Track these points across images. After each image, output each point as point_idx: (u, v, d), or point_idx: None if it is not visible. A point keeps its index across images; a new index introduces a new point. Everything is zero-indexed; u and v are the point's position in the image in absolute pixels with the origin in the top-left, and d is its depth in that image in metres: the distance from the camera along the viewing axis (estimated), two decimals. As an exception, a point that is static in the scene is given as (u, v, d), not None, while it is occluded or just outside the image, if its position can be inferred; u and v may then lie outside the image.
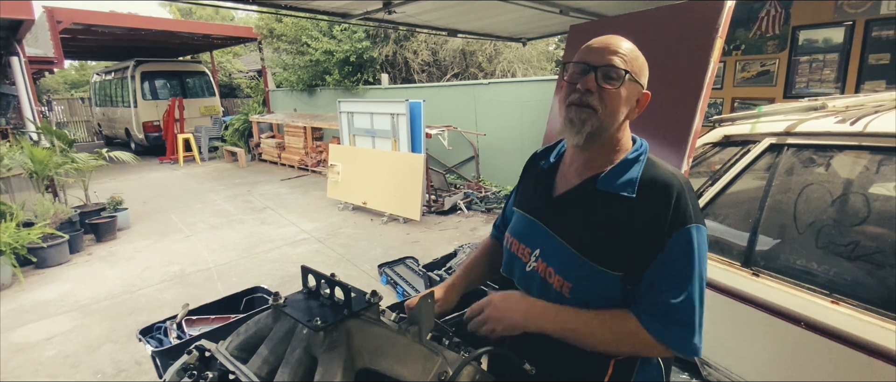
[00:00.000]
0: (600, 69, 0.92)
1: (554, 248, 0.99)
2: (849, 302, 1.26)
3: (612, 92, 0.92)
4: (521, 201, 1.15)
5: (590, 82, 0.92)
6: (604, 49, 0.93)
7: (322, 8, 3.53)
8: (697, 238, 0.90)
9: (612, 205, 0.94)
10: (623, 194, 0.93)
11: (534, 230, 1.05)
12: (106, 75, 13.41)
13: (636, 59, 0.95)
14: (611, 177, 0.95)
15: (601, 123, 0.93)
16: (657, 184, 0.92)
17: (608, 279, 0.93)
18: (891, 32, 3.70)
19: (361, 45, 9.85)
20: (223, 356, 0.96)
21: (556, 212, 1.02)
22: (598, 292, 0.95)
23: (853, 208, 1.36)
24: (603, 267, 0.93)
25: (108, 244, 5.33)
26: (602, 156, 0.98)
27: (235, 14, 20.59)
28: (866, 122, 1.33)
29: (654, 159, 0.98)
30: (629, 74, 0.92)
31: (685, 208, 0.90)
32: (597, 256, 0.93)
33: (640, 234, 0.90)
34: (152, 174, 9.63)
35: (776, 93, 4.33)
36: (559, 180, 1.05)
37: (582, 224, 0.97)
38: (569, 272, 0.96)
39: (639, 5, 3.61)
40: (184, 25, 11.14)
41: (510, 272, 1.12)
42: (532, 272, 1.03)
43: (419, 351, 0.93)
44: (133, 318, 3.57)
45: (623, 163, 0.96)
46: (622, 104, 0.93)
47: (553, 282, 0.99)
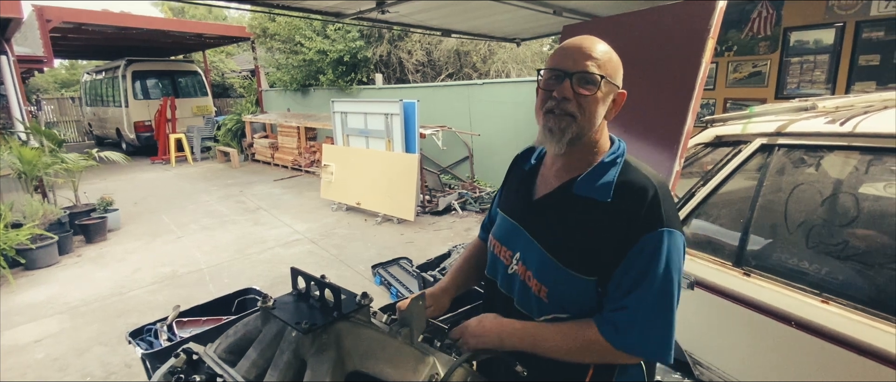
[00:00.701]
0: (576, 75, 0.91)
1: (532, 252, 1.00)
2: (839, 302, 1.27)
3: (589, 97, 0.91)
4: (505, 202, 1.16)
5: (566, 90, 0.91)
6: (578, 54, 0.92)
7: (315, 7, 3.51)
8: (668, 243, 0.88)
9: (587, 209, 0.93)
10: (598, 198, 0.92)
11: (515, 234, 1.05)
12: (96, 75, 13.28)
13: (610, 60, 0.94)
14: (587, 181, 0.95)
15: (581, 130, 0.93)
16: (631, 187, 0.91)
17: (582, 283, 0.93)
18: (881, 34, 3.74)
19: (355, 44, 9.82)
20: (211, 358, 0.95)
21: (534, 215, 1.02)
22: (573, 296, 0.95)
23: (843, 208, 1.37)
24: (576, 272, 0.93)
25: (99, 246, 5.27)
26: (580, 159, 0.97)
27: (228, 13, 20.47)
28: (856, 122, 1.34)
29: (631, 162, 0.97)
30: (605, 78, 0.92)
31: (657, 212, 0.89)
32: (570, 261, 0.93)
33: (613, 238, 0.90)
34: (144, 175, 9.55)
35: (768, 94, 4.37)
36: (539, 182, 1.05)
37: (558, 229, 0.97)
38: (545, 276, 0.97)
39: (631, 6, 3.62)
40: (176, 25, 11.05)
41: (494, 273, 1.12)
42: (513, 275, 1.04)
43: (410, 353, 0.92)
44: (123, 320, 3.53)
45: (599, 166, 0.95)
46: (600, 107, 0.93)
47: (532, 286, 0.99)
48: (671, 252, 0.89)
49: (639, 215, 0.89)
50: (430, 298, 1.16)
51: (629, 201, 0.90)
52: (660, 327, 0.90)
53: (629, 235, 0.89)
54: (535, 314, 1.00)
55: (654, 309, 0.89)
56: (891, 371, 1.13)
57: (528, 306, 1.02)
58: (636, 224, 0.88)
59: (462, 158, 7.53)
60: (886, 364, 1.15)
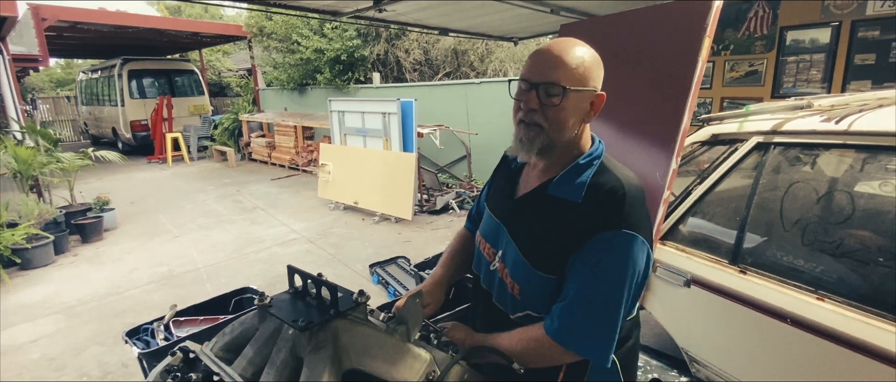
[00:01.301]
0: (541, 86, 0.90)
1: (510, 251, 1.02)
2: (834, 299, 1.27)
3: (554, 108, 0.90)
4: (491, 199, 1.17)
5: (531, 101, 0.91)
6: (544, 63, 0.91)
7: (312, 6, 3.50)
8: (624, 245, 0.87)
9: (560, 210, 0.94)
10: (571, 199, 0.93)
11: (498, 233, 1.07)
12: (92, 74, 13.22)
13: (581, 65, 0.91)
14: (561, 182, 0.96)
15: (550, 139, 0.93)
16: (602, 189, 0.92)
17: (548, 283, 0.94)
18: (876, 33, 3.75)
19: (352, 43, 9.80)
20: (208, 357, 0.95)
21: (515, 214, 1.04)
22: (541, 295, 0.96)
23: (838, 206, 1.38)
24: (541, 271, 0.94)
25: (95, 245, 5.25)
26: (559, 160, 0.98)
27: (224, 12, 20.39)
28: (851, 121, 1.34)
29: (607, 164, 0.96)
30: (568, 90, 0.89)
31: (619, 212, 0.89)
32: (538, 261, 0.95)
33: (579, 237, 0.90)
34: (140, 174, 9.51)
35: (764, 93, 4.38)
36: (522, 181, 1.07)
37: (535, 230, 0.98)
38: (517, 274, 0.99)
39: (628, 5, 3.63)
40: (172, 23, 11.01)
41: (478, 268, 1.15)
42: (494, 272, 1.07)
43: (407, 351, 0.92)
44: (120, 320, 3.52)
45: (574, 168, 0.96)
46: (570, 116, 0.92)
47: (508, 283, 1.01)
48: (625, 254, 0.87)
49: (602, 214, 0.89)
50: (427, 295, 1.17)
51: (598, 202, 0.91)
52: (597, 325, 0.89)
53: (590, 232, 0.90)
54: (510, 310, 1.02)
55: (593, 306, 0.89)
56: (885, 367, 1.14)
57: (504, 302, 1.04)
58: (597, 222, 0.89)
59: (460, 157, 7.53)
60: (882, 360, 1.15)
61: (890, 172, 1.29)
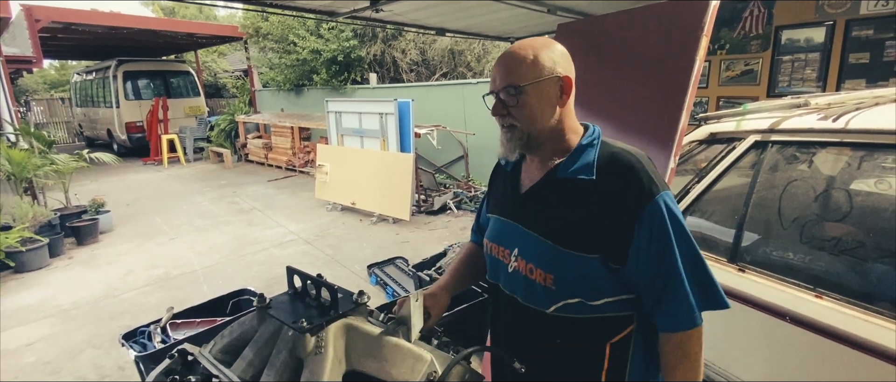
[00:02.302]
0: (500, 92, 0.97)
1: (529, 243, 1.00)
2: (832, 296, 1.28)
3: (518, 106, 0.95)
4: (494, 206, 1.17)
5: (496, 107, 0.98)
6: (498, 72, 0.97)
7: (308, 6, 3.49)
8: (668, 205, 0.91)
9: (574, 190, 0.95)
10: (582, 177, 0.95)
11: (509, 231, 1.06)
12: (87, 75, 13.14)
13: (528, 59, 0.94)
14: (569, 164, 0.97)
15: (525, 133, 0.97)
16: (614, 162, 0.94)
17: (586, 262, 0.93)
18: (870, 32, 3.77)
19: (349, 44, 9.78)
20: (206, 359, 0.94)
21: (525, 208, 1.03)
22: (580, 279, 0.95)
23: (835, 204, 1.38)
24: (578, 252, 0.93)
25: (90, 248, 5.21)
26: (555, 148, 1.00)
27: (217, 13, 20.32)
28: (848, 118, 1.35)
29: (607, 141, 1.00)
30: (525, 86, 0.93)
31: (648, 181, 0.91)
32: (569, 242, 0.94)
33: (608, 213, 0.92)
34: (136, 176, 9.46)
35: (760, 92, 4.40)
36: (524, 177, 1.07)
37: (550, 214, 0.98)
38: (548, 263, 0.97)
39: (625, 4, 3.64)
40: (167, 24, 10.97)
41: (495, 276, 1.12)
42: (514, 273, 1.03)
43: (408, 352, 0.92)
44: (116, 323, 3.49)
45: (578, 149, 0.98)
46: (537, 107, 0.95)
47: (536, 278, 0.98)
48: (674, 212, 0.91)
49: (631, 189, 0.91)
50: (430, 298, 1.16)
51: (615, 175, 0.93)
52: (707, 278, 0.93)
53: (628, 210, 0.90)
54: (545, 305, 0.98)
55: (693, 273, 0.92)
56: (884, 364, 1.14)
57: (535, 299, 1.00)
58: (632, 198, 0.90)
59: (457, 157, 7.53)
60: (880, 357, 1.16)
61: (887, 169, 1.30)
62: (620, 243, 0.91)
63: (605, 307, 0.95)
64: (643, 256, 0.91)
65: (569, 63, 0.99)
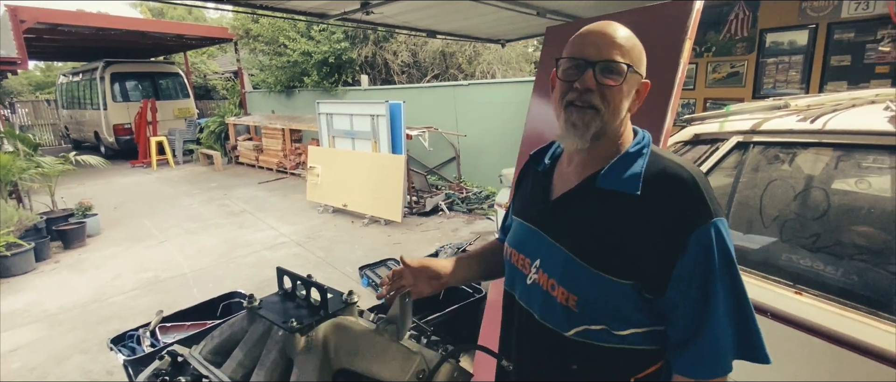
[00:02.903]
0: (599, 64, 0.82)
1: (554, 256, 0.88)
2: (811, 293, 1.31)
3: (614, 88, 0.83)
4: (519, 208, 1.05)
5: (589, 80, 0.82)
6: (601, 41, 0.83)
7: (298, 8, 3.49)
8: (720, 233, 0.79)
9: (614, 204, 0.83)
10: (625, 190, 0.82)
11: (532, 239, 0.94)
12: (73, 77, 12.97)
13: (635, 46, 0.85)
14: (612, 173, 0.85)
15: (605, 123, 0.84)
16: (663, 177, 0.81)
17: (617, 288, 0.81)
18: (851, 35, 3.85)
19: (340, 46, 9.77)
20: (196, 360, 0.95)
21: (554, 216, 0.92)
22: (608, 304, 0.83)
23: (814, 203, 1.42)
24: (610, 275, 0.81)
25: (77, 251, 5.15)
26: (603, 152, 0.88)
27: (207, 14, 20.17)
28: (825, 120, 1.39)
29: (658, 151, 0.87)
30: (631, 67, 0.83)
31: (701, 201, 0.79)
32: (601, 262, 0.82)
33: (650, 236, 0.79)
34: (124, 179, 9.35)
35: (745, 93, 4.47)
36: (556, 181, 0.96)
37: (583, 228, 0.87)
38: (572, 282, 0.85)
39: (612, 6, 3.69)
40: (155, 25, 10.85)
41: (512, 285, 1.01)
42: (533, 286, 0.92)
43: (397, 350, 0.93)
44: (104, 327, 3.46)
45: (624, 157, 0.86)
46: (625, 99, 0.85)
47: (557, 295, 0.87)
48: (724, 242, 0.79)
49: (679, 210, 0.79)
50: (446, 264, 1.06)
51: (663, 193, 0.80)
52: (747, 328, 0.81)
53: (673, 234, 0.78)
54: (564, 326, 0.87)
55: (735, 315, 0.80)
56: (862, 358, 1.18)
57: (554, 318, 0.89)
58: (679, 221, 0.78)
59: (449, 158, 7.55)
60: (858, 352, 1.19)
61: (862, 169, 1.34)
62: (660, 271, 0.79)
63: (633, 338, 0.84)
64: (682, 288, 0.79)
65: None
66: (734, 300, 0.80)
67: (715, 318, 0.79)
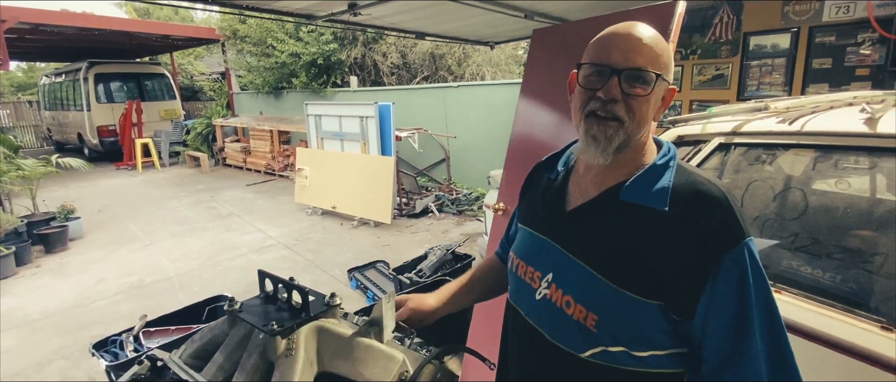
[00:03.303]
0: (625, 73, 0.76)
1: (571, 271, 0.82)
2: (790, 291, 1.34)
3: (640, 99, 0.76)
4: (527, 217, 0.97)
5: (613, 90, 0.76)
6: (627, 46, 0.76)
7: (285, 9, 3.47)
8: (752, 257, 0.73)
9: (640, 220, 0.77)
10: (652, 206, 0.76)
11: (544, 251, 0.87)
12: (56, 77, 12.74)
13: (663, 52, 0.78)
14: (637, 186, 0.79)
15: (629, 136, 0.78)
16: (693, 194, 0.76)
17: (643, 309, 0.75)
18: (832, 38, 3.94)
19: (329, 47, 9.73)
20: (176, 364, 0.93)
21: (570, 228, 0.85)
22: (631, 325, 0.76)
23: (793, 203, 1.45)
24: (636, 295, 0.75)
25: (59, 256, 5.05)
26: (625, 163, 0.81)
27: (196, 14, 19.96)
28: (803, 122, 1.42)
29: (685, 166, 0.81)
30: (660, 76, 0.77)
31: (734, 222, 0.73)
32: (626, 281, 0.76)
33: (680, 254, 0.73)
34: (108, 181, 9.21)
35: (730, 95, 4.54)
36: (572, 191, 0.89)
37: (604, 242, 0.80)
38: (592, 300, 0.79)
39: (599, 8, 3.72)
40: (140, 26, 10.71)
41: (517, 299, 0.93)
42: (543, 302, 0.85)
43: (380, 352, 0.92)
44: (86, 332, 3.40)
45: (651, 170, 0.79)
46: (651, 109, 0.79)
47: (573, 313, 0.80)
48: (758, 264, 0.73)
49: (711, 229, 0.73)
50: (414, 301, 1.08)
51: (694, 210, 0.74)
52: (782, 359, 0.74)
53: (705, 255, 0.72)
54: (579, 347, 0.80)
55: (770, 344, 0.73)
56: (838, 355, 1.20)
57: (567, 338, 0.82)
58: (712, 242, 0.72)
59: (439, 160, 7.55)
60: (834, 348, 1.22)
61: (840, 169, 1.37)
62: (690, 293, 0.73)
63: (652, 361, 0.78)
64: (714, 313, 0.73)
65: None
66: (769, 327, 0.73)
67: (750, 347, 0.72)
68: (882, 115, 1.33)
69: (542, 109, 2.42)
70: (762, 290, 0.73)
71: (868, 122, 1.33)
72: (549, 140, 2.32)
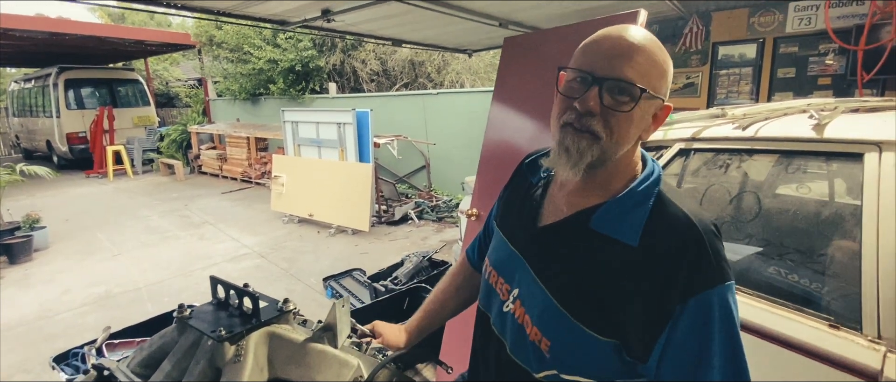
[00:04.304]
0: (607, 83, 0.69)
1: (533, 293, 0.78)
2: (744, 291, 1.37)
3: (621, 115, 0.69)
4: (504, 221, 0.93)
5: (591, 102, 0.69)
6: (615, 52, 0.69)
7: (259, 14, 3.44)
8: (726, 301, 0.66)
9: (607, 252, 0.71)
10: (622, 240, 0.70)
11: (513, 265, 0.83)
12: (25, 83, 12.35)
13: (656, 63, 0.70)
14: (609, 215, 0.72)
15: (604, 153, 0.71)
16: (669, 228, 0.69)
17: (595, 344, 0.70)
18: (795, 49, 4.10)
19: (307, 54, 9.68)
20: (123, 373, 0.91)
21: (538, 245, 0.80)
22: (585, 359, 0.72)
23: (747, 206, 1.49)
24: (590, 330, 0.70)
25: (24, 266, 4.87)
26: (601, 184, 0.75)
27: (172, 20, 19.63)
28: (757, 128, 1.47)
29: (666, 194, 0.72)
30: (645, 92, 0.68)
31: (705, 266, 0.66)
32: (584, 315, 0.71)
33: (643, 294, 0.67)
34: (77, 190, 8.92)
35: (700, 103, 4.68)
36: (547, 204, 0.83)
37: (568, 271, 0.75)
38: (547, 326, 0.75)
39: (570, 18, 3.80)
40: (114, 31, 10.48)
41: (487, 306, 0.91)
42: (508, 315, 0.82)
43: (333, 357, 0.92)
44: (49, 345, 3.27)
45: (627, 197, 0.72)
46: (634, 127, 0.70)
47: (530, 334, 0.77)
48: (728, 311, 0.67)
49: (679, 268, 0.66)
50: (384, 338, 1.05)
51: (665, 246, 0.68)
52: None
53: (668, 295, 0.65)
54: (534, 367, 0.78)
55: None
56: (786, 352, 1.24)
57: (524, 355, 0.79)
58: (677, 281, 0.65)
59: (419, 167, 7.55)
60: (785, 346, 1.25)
61: (789, 172, 1.42)
62: (645, 335, 0.67)
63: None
64: (668, 361, 0.66)
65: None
66: (732, 376, 0.67)
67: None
68: (829, 121, 1.38)
69: (513, 115, 2.45)
70: (729, 344, 0.66)
71: (816, 127, 1.38)
72: (522, 147, 2.34)
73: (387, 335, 1.06)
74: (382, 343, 1.04)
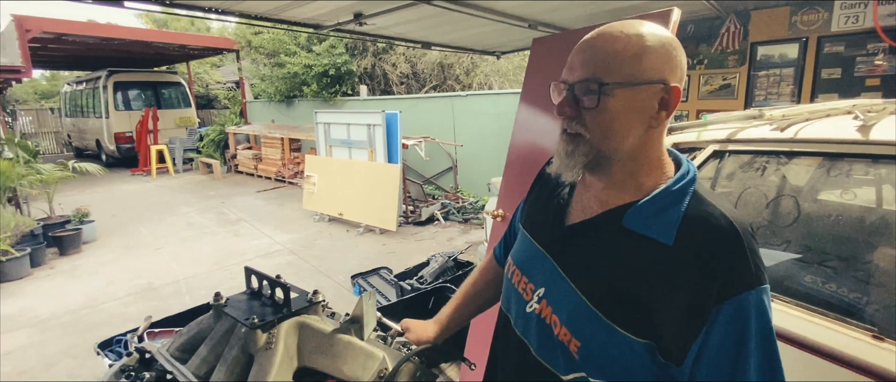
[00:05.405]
0: (576, 86, 0.71)
1: (562, 292, 0.77)
2: (781, 298, 1.32)
3: (593, 111, 0.70)
4: (529, 220, 0.92)
5: (563, 105, 0.72)
6: (582, 56, 0.71)
7: (293, 18, 3.55)
8: (758, 308, 0.65)
9: (641, 251, 0.70)
10: (656, 238, 0.69)
11: (540, 263, 0.82)
12: (77, 85, 13.13)
13: (638, 55, 0.69)
14: (643, 213, 0.71)
15: (596, 151, 0.71)
16: (706, 229, 0.67)
17: (630, 346, 0.69)
18: (841, 48, 3.90)
19: (341, 59, 9.90)
20: (163, 356, 0.96)
21: (567, 245, 0.79)
22: (617, 360, 0.70)
23: (785, 210, 1.44)
24: (624, 330, 0.69)
25: (72, 258, 5.17)
26: (627, 180, 0.74)
27: (212, 25, 20.44)
28: (796, 129, 1.41)
29: (702, 194, 0.71)
30: (612, 86, 0.68)
31: (742, 267, 0.65)
32: (616, 314, 0.70)
33: (678, 295, 0.66)
34: (123, 187, 9.41)
35: (737, 106, 4.51)
36: (575, 203, 0.83)
37: (599, 268, 0.73)
38: (578, 327, 0.73)
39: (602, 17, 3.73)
40: (159, 36, 11.01)
41: (508, 305, 0.90)
42: (532, 316, 0.81)
43: (360, 349, 0.94)
44: (94, 333, 3.46)
45: (661, 195, 0.71)
46: (618, 119, 0.70)
47: (559, 334, 0.75)
48: (764, 314, 0.66)
49: (716, 270, 0.65)
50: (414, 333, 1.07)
51: (700, 247, 0.66)
52: None
53: (704, 297, 0.64)
54: (561, 369, 0.76)
55: None
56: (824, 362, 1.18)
57: (550, 357, 0.78)
58: (714, 283, 0.64)
59: (446, 168, 7.59)
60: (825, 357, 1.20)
61: (831, 176, 1.35)
62: (681, 337, 0.66)
63: None
64: (704, 364, 0.65)
65: (680, 68, 0.71)
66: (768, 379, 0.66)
67: None
68: (875, 122, 1.32)
69: (540, 116, 2.44)
70: (765, 347, 0.65)
71: (860, 129, 1.32)
72: (548, 149, 2.33)
73: (415, 329, 1.08)
74: (411, 339, 1.06)
